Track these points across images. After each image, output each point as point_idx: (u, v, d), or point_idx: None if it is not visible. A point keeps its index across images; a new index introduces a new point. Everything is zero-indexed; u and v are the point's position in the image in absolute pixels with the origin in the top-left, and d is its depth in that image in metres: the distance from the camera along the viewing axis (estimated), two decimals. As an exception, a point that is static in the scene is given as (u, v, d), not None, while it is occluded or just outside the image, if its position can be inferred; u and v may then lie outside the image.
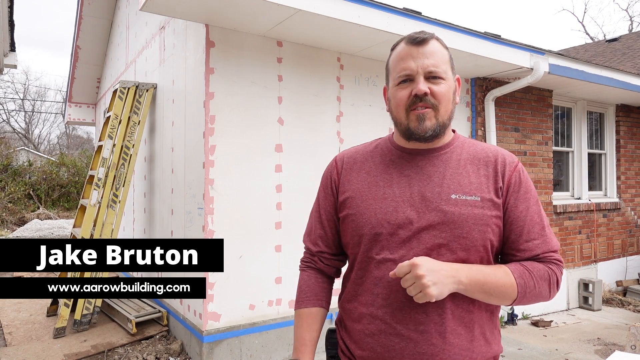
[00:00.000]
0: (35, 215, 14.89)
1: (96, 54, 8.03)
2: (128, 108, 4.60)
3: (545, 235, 1.19)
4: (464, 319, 1.15)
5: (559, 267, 1.19)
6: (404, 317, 1.15)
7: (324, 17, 3.34)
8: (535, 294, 1.15)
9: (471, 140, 1.30)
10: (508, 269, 1.15)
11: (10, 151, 18.70)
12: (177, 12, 3.36)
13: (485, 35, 4.29)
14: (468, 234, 1.13)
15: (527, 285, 1.13)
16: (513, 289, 1.13)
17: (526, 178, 1.22)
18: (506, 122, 5.39)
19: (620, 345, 4.39)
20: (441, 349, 1.13)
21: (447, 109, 1.20)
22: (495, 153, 1.24)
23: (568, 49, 11.63)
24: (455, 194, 1.16)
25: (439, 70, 1.17)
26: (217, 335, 3.51)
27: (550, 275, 1.16)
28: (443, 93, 1.17)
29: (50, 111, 32.28)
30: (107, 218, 4.41)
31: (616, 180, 6.79)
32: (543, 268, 1.16)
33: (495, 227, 1.16)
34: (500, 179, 1.19)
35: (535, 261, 1.17)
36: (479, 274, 1.12)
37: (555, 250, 1.19)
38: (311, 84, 4.05)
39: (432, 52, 1.18)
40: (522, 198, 1.19)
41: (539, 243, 1.18)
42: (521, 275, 1.14)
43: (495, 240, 1.17)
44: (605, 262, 6.47)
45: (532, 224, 1.18)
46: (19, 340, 4.04)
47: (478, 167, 1.21)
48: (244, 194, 3.68)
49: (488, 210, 1.16)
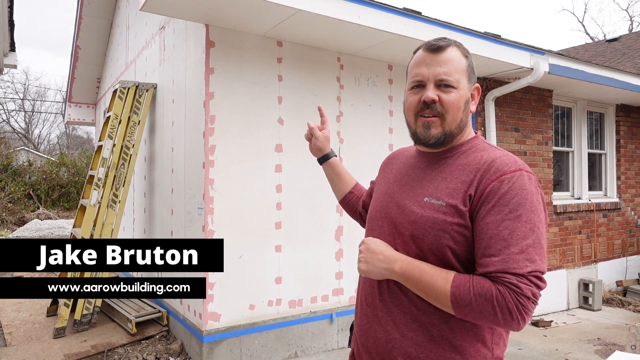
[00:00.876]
0: (35, 215, 14.88)
1: (96, 54, 8.03)
2: (128, 108, 4.60)
3: (507, 253, 1.04)
4: (421, 318, 1.17)
5: (515, 292, 1.01)
6: (372, 300, 1.27)
7: (324, 17, 3.34)
8: (473, 310, 1.04)
9: (484, 147, 1.23)
10: (451, 275, 1.09)
11: (10, 151, 18.70)
12: (177, 12, 3.36)
13: (485, 35, 4.29)
14: (424, 236, 1.16)
15: (460, 297, 1.05)
16: (445, 296, 1.08)
17: (511, 189, 1.08)
18: (506, 122, 5.39)
19: (621, 345, 4.38)
20: (394, 337, 1.20)
21: (456, 118, 1.20)
22: (489, 160, 1.15)
23: (568, 49, 11.63)
24: (428, 197, 1.19)
25: (450, 79, 1.18)
26: (217, 335, 3.51)
27: (495, 297, 1.01)
28: (452, 102, 1.18)
29: (50, 111, 32.30)
30: (107, 218, 4.41)
31: (616, 180, 6.79)
32: (489, 287, 1.03)
33: (456, 235, 1.12)
34: (474, 187, 1.13)
35: (487, 278, 1.05)
36: (416, 270, 1.13)
37: (518, 273, 1.02)
38: (311, 84, 4.05)
39: (447, 60, 1.19)
40: (495, 210, 1.08)
41: (496, 260, 1.04)
42: (458, 286, 1.06)
43: (458, 248, 1.12)
44: (605, 262, 6.47)
45: (495, 239, 1.06)
46: (18, 340, 4.04)
47: (464, 172, 1.17)
48: (244, 194, 3.68)
49: (449, 216, 1.13)
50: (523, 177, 1.11)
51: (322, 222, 4.08)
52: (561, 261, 5.85)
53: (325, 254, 4.09)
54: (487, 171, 1.13)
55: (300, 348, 3.91)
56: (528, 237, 1.06)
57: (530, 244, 1.05)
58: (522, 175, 1.11)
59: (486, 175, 1.13)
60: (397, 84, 4.58)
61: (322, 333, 4.03)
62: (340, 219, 4.18)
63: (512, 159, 1.15)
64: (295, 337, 3.89)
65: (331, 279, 4.12)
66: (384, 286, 1.24)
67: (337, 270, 4.15)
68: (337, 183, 1.73)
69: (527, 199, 1.08)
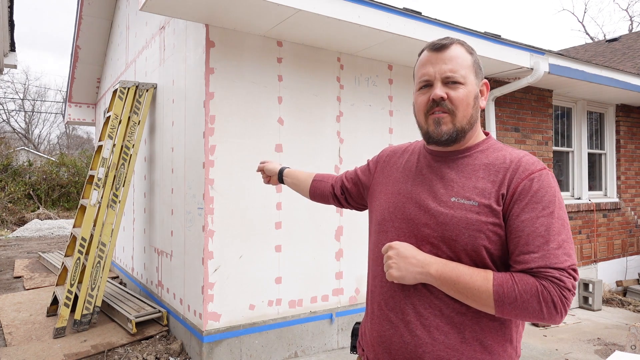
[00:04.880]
0: (35, 215, 14.89)
1: (96, 54, 8.03)
2: (128, 108, 4.60)
3: (547, 249, 1.07)
4: (454, 320, 1.16)
5: (558, 286, 1.04)
6: (395, 304, 1.23)
7: (324, 17, 3.34)
8: (518, 307, 1.06)
9: (500, 146, 1.25)
10: (491, 275, 1.10)
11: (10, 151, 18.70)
12: (177, 12, 3.36)
13: (485, 35, 4.29)
14: (457, 237, 1.14)
15: (505, 294, 1.06)
16: (488, 295, 1.08)
17: (541, 187, 1.12)
18: (506, 122, 5.39)
19: (621, 345, 4.38)
20: (424, 342, 1.17)
21: (466, 114, 1.21)
22: (515, 159, 1.17)
23: (568, 49, 11.63)
24: (456, 197, 1.17)
25: (456, 76, 1.19)
26: (217, 335, 3.51)
27: (540, 292, 1.04)
28: (461, 98, 1.19)
29: (50, 111, 32.31)
30: (107, 218, 4.41)
31: (616, 180, 6.79)
32: (533, 282, 1.05)
33: (492, 234, 1.13)
34: (505, 186, 1.14)
35: (528, 274, 1.07)
36: (453, 272, 1.12)
37: (560, 267, 1.05)
38: (311, 84, 4.05)
39: (452, 57, 1.21)
40: (528, 207, 1.11)
41: (537, 257, 1.07)
42: (501, 284, 1.07)
43: (493, 248, 1.13)
44: (605, 262, 6.47)
45: (533, 236, 1.08)
46: (18, 340, 4.03)
47: (490, 173, 1.18)
48: (244, 194, 3.68)
49: (484, 216, 1.13)
50: (548, 175, 1.15)
51: (322, 222, 4.08)
52: (561, 261, 5.84)
53: (325, 254, 4.09)
54: (516, 170, 1.15)
55: (300, 348, 3.91)
56: (562, 232, 1.09)
57: (565, 239, 1.09)
58: (548, 173, 1.15)
59: (516, 174, 1.14)
60: (397, 84, 4.58)
61: (322, 333, 4.03)
62: (340, 219, 4.18)
63: (534, 158, 1.19)
64: (296, 337, 3.89)
65: (331, 279, 4.12)
66: (411, 289, 1.20)
67: (337, 270, 4.16)
68: (298, 185, 1.80)
69: (555, 196, 1.13)
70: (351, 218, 4.24)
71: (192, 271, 3.78)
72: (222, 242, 3.57)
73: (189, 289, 3.83)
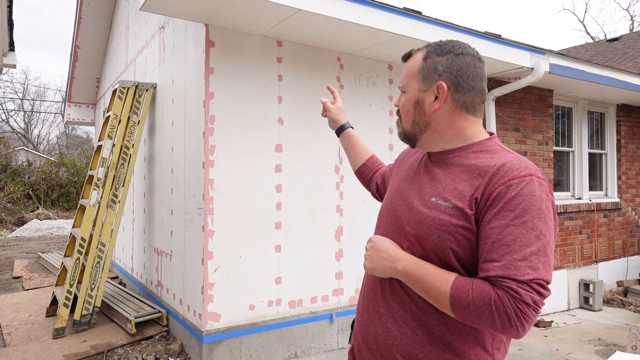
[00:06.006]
0: (35, 216, 14.88)
1: (96, 53, 8.02)
2: (127, 108, 4.59)
3: (509, 259, 1.02)
4: (421, 317, 1.18)
5: (514, 298, 0.99)
6: (374, 296, 1.30)
7: (324, 17, 3.33)
8: (471, 313, 1.03)
9: (496, 149, 1.20)
10: (452, 277, 1.09)
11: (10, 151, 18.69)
12: (176, 12, 3.35)
13: (485, 35, 4.28)
14: (427, 236, 1.16)
15: (460, 298, 1.05)
16: (445, 297, 1.07)
17: (518, 194, 1.06)
18: (506, 122, 5.38)
19: (621, 345, 4.38)
20: (394, 335, 1.21)
21: (408, 119, 1.30)
22: (499, 164, 1.13)
23: (569, 49, 11.63)
24: (436, 197, 1.19)
25: (400, 85, 1.33)
26: (216, 336, 3.50)
27: (494, 301, 1.00)
28: (402, 105, 1.32)
29: (49, 111, 32.30)
30: (106, 218, 4.40)
31: (617, 180, 6.78)
32: (488, 291, 1.01)
33: (460, 238, 1.11)
34: (480, 190, 1.11)
35: (487, 282, 1.04)
36: (418, 270, 1.14)
37: (518, 279, 1.00)
38: (311, 84, 4.04)
39: (405, 67, 1.32)
40: (500, 215, 1.06)
41: (497, 265, 1.03)
42: (458, 288, 1.06)
43: (461, 251, 1.11)
44: (606, 262, 6.47)
45: (498, 245, 1.04)
46: (18, 341, 4.02)
47: (472, 176, 1.15)
48: (244, 194, 3.67)
49: (455, 219, 1.12)
50: (533, 182, 1.08)
51: (322, 222, 4.07)
52: (562, 261, 5.85)
53: (325, 254, 4.08)
54: (494, 175, 1.10)
55: (300, 348, 3.91)
56: (532, 244, 1.03)
57: (534, 251, 1.02)
58: (532, 180, 1.08)
59: (494, 179, 1.10)
60: (397, 84, 4.57)
61: (322, 333, 4.02)
62: (340, 219, 4.17)
63: (524, 163, 1.12)
64: (295, 337, 3.88)
65: (331, 279, 4.11)
66: (387, 283, 1.26)
67: (337, 270, 4.15)
68: (352, 155, 1.88)
69: (534, 205, 1.05)
70: (351, 218, 4.23)
71: (191, 271, 3.77)
72: (222, 242, 3.56)
73: (189, 289, 3.82)
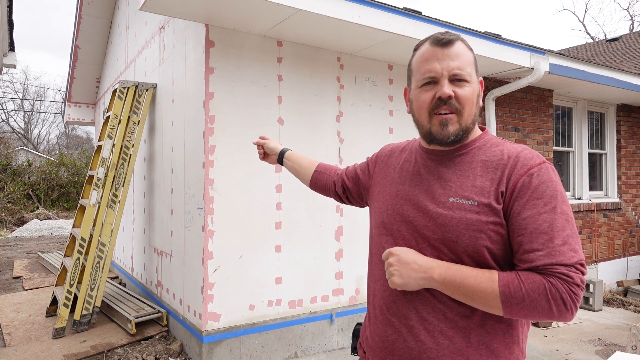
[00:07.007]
0: (35, 216, 14.88)
1: (96, 53, 8.02)
2: (127, 108, 4.59)
3: (552, 246, 1.03)
4: (458, 324, 1.13)
5: (567, 282, 1.01)
6: (397, 309, 1.21)
7: (324, 17, 3.33)
8: (526, 306, 1.03)
9: (497, 142, 1.22)
10: (496, 275, 1.06)
11: (10, 151, 18.69)
12: (176, 12, 3.35)
13: (485, 35, 4.28)
14: (457, 239, 1.11)
15: (512, 295, 1.03)
16: (494, 297, 1.05)
17: (542, 182, 1.08)
18: (506, 122, 5.38)
19: (621, 345, 4.38)
20: (428, 347, 1.15)
21: (471, 113, 1.18)
22: (513, 155, 1.14)
23: (569, 49, 11.63)
24: (454, 197, 1.14)
25: (463, 73, 1.15)
26: (216, 336, 3.50)
27: (548, 289, 1.01)
28: (467, 97, 1.16)
29: (49, 111, 32.30)
30: (106, 218, 4.40)
31: (617, 180, 6.78)
32: (539, 280, 1.02)
33: (493, 234, 1.09)
34: (504, 183, 1.11)
35: (534, 272, 1.04)
36: (456, 275, 1.08)
37: (566, 264, 1.02)
38: (311, 84, 4.04)
39: (458, 54, 1.16)
40: (530, 204, 1.07)
41: (542, 254, 1.03)
42: (507, 284, 1.04)
43: (495, 247, 1.10)
44: (606, 263, 6.47)
45: (537, 234, 1.05)
46: (18, 341, 4.02)
47: (488, 170, 1.14)
48: (244, 194, 3.67)
49: (484, 216, 1.09)
50: (549, 169, 1.11)
51: (322, 222, 4.07)
52: (561, 261, 5.84)
53: (325, 254, 4.08)
54: (514, 166, 1.11)
55: (300, 348, 3.91)
56: (566, 228, 1.06)
57: (569, 234, 1.05)
58: (547, 167, 1.11)
59: (514, 170, 1.11)
60: (397, 83, 4.57)
61: (322, 333, 4.02)
62: (340, 219, 4.17)
63: (533, 152, 1.15)
64: (295, 337, 3.88)
65: (331, 279, 4.11)
66: (414, 293, 1.17)
67: (337, 270, 4.15)
68: (299, 171, 1.79)
69: (557, 190, 1.09)
70: (351, 218, 4.23)
71: (191, 271, 3.77)
72: (222, 242, 3.56)
73: (189, 289, 3.82)
